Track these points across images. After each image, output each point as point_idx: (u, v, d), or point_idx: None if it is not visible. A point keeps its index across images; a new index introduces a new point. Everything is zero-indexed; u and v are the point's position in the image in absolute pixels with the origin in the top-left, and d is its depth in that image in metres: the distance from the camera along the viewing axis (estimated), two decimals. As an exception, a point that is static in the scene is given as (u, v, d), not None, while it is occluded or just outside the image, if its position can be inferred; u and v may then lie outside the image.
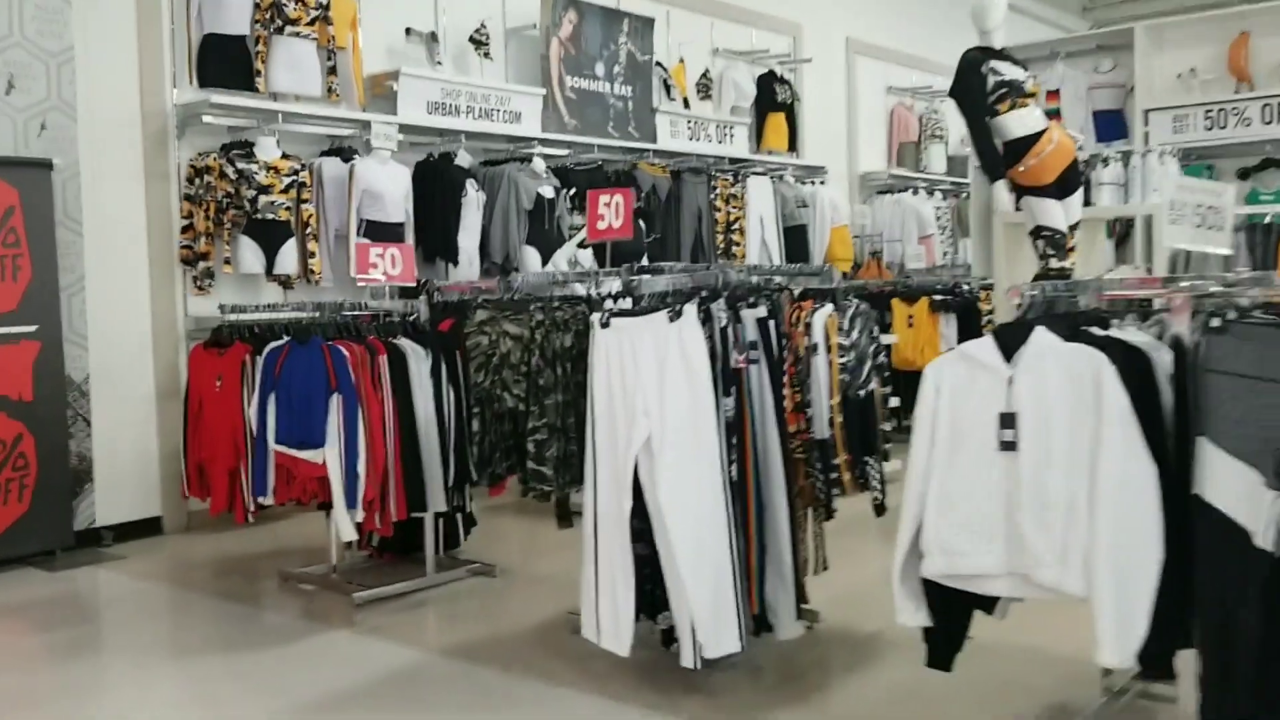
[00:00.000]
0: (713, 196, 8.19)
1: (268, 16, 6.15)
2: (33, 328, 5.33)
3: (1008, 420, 2.58)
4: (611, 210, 3.97)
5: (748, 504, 3.39)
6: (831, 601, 3.98)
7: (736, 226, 8.27)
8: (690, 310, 3.26)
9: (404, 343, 4.57)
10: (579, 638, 3.53)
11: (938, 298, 7.28)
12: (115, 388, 5.78)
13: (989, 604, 2.90)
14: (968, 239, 10.29)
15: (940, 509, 2.65)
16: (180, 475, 5.45)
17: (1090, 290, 2.84)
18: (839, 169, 10.08)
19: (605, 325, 3.40)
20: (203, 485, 4.96)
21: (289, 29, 6.19)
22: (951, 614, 2.82)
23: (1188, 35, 8.21)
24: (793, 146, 9.41)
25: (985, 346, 2.66)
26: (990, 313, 7.68)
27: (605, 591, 3.39)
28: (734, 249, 8.23)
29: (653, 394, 3.27)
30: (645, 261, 6.80)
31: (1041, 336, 2.60)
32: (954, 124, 11.11)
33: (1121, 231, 7.71)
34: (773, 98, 9.22)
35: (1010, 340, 2.64)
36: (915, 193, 10.00)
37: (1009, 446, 2.57)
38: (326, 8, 6.33)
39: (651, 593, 3.46)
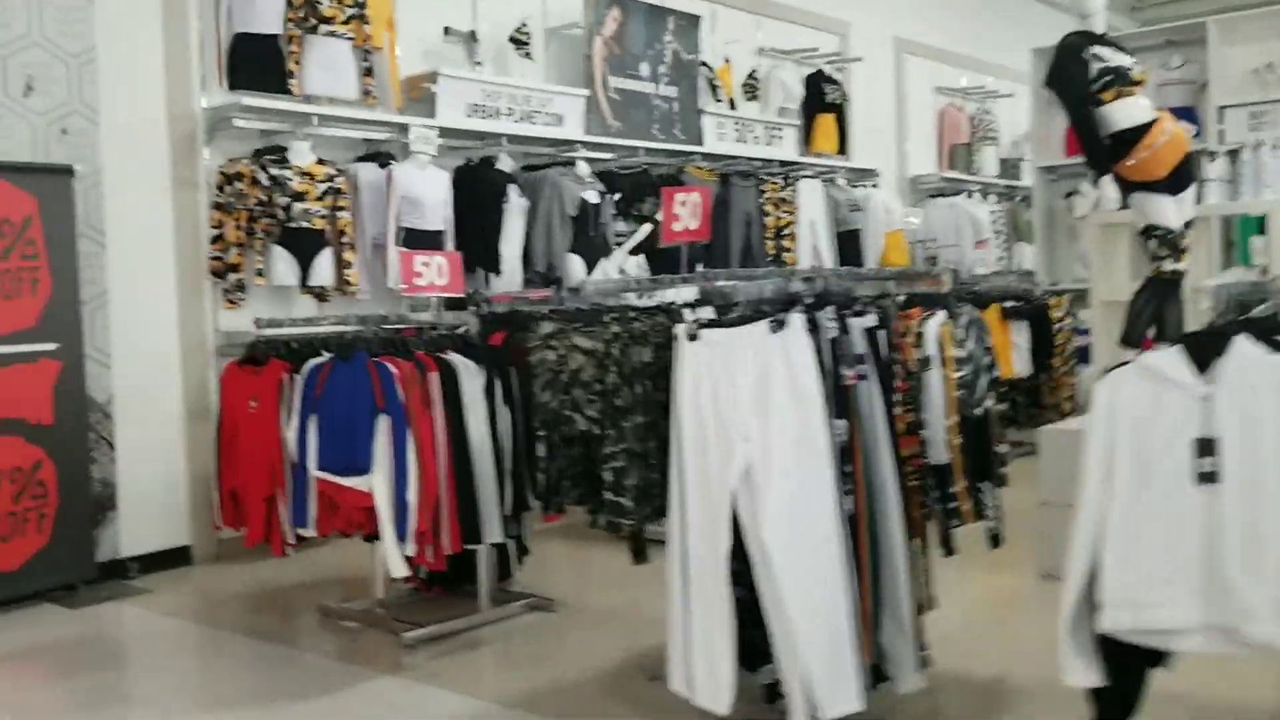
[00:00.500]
0: (762, 201, 7.79)
1: (301, 15, 5.80)
2: (52, 345, 4.97)
3: (1206, 447, 2.16)
4: (688, 210, 3.57)
5: (860, 540, 2.98)
6: (940, 642, 3.55)
7: (788, 232, 7.87)
8: (797, 319, 2.86)
9: (454, 358, 4.18)
10: (656, 685, 3.14)
11: (1009, 305, 6.84)
12: (141, 409, 5.41)
13: (1160, 657, 2.47)
14: (1023, 243, 9.89)
15: (1122, 552, 2.23)
16: (211, 503, 5.08)
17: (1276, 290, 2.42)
18: (888, 172, 9.68)
19: (693, 338, 3.00)
20: (237, 514, 4.58)
21: (323, 28, 5.84)
22: (1126, 672, 2.39)
23: (1263, 29, 7.76)
24: (843, 149, 9.01)
25: (1171, 358, 2.25)
26: (1061, 319, 7.25)
27: (699, 641, 2.98)
28: (785, 255, 7.82)
29: (753, 416, 2.87)
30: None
31: (1244, 347, 2.18)
32: (1006, 125, 10.71)
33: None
34: (821, 98, 8.83)
35: (1202, 351, 2.22)
36: (969, 196, 9.57)
37: (1209, 478, 2.16)
38: (362, 5, 5.97)
39: (750, 641, 3.04)
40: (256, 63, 5.72)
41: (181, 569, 5.48)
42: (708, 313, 3.24)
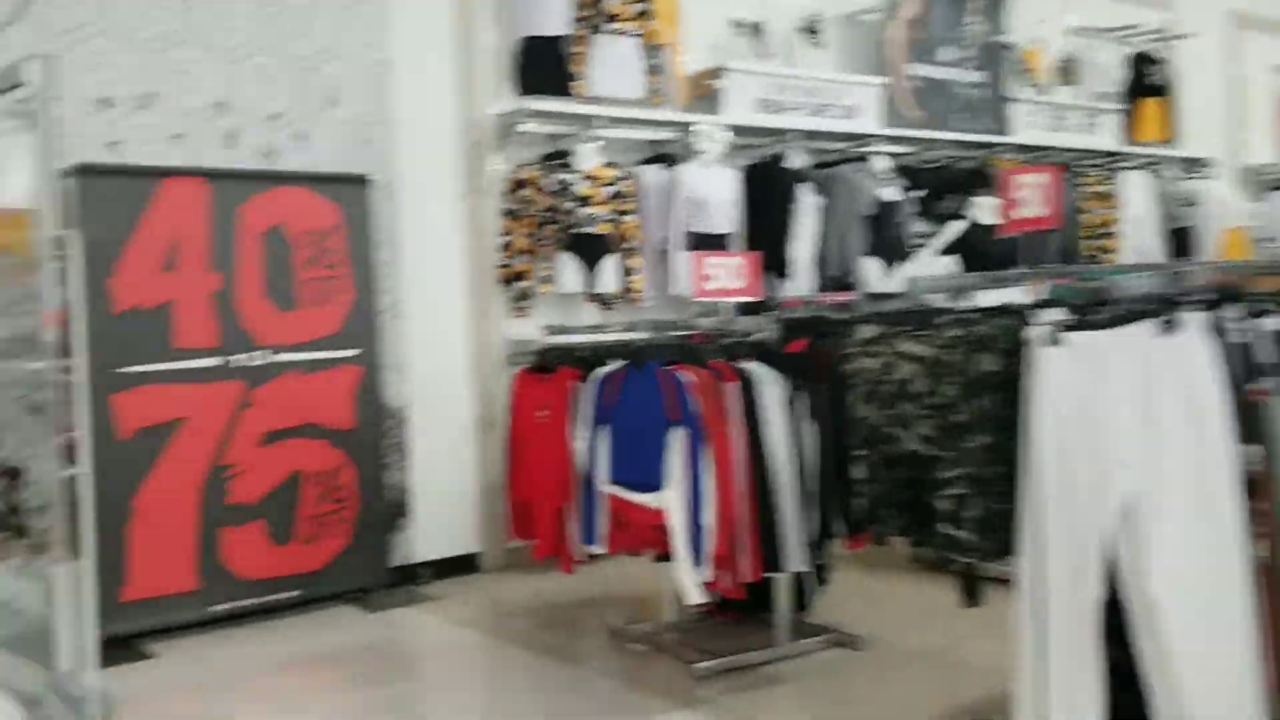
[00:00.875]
0: (1078, 196, 7.03)
1: (588, 13, 5.66)
2: (353, 352, 5.02)
3: None
4: (1033, 194, 3.07)
5: (1271, 594, 2.39)
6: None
7: (1110, 229, 7.06)
8: (1197, 320, 2.32)
9: (753, 367, 3.84)
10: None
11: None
12: (433, 416, 5.41)
13: None
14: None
15: None
16: (500, 512, 4.99)
17: None
18: (1224, 161, 8.58)
19: (1055, 342, 2.51)
20: (527, 526, 4.43)
21: (610, 26, 5.67)
22: None
23: None
24: (1170, 137, 8.05)
25: None
26: None
27: (1058, 704, 2.49)
28: (1105, 256, 7.03)
29: (1136, 438, 2.35)
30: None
31: None
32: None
33: None
34: (1144, 81, 7.92)
35: None
36: (1320, 188, 8.36)
37: None
38: (648, 0, 5.77)
39: (1123, 707, 2.52)
40: (543, 66, 5.62)
41: (469, 577, 5.44)
42: (1058, 314, 2.73)
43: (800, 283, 5.89)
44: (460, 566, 5.46)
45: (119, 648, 4.23)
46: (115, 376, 4.42)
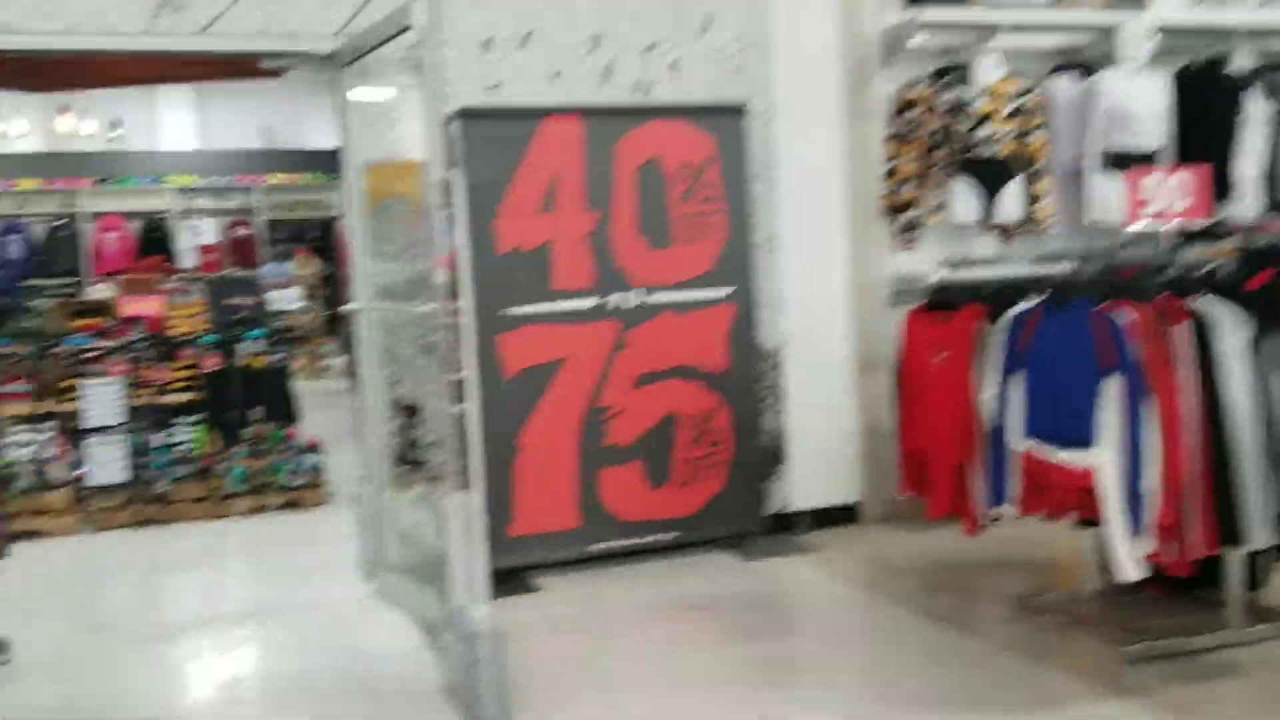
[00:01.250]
0: None
1: (992, -93, 5.04)
2: (727, 290, 4.79)
3: None
4: None
5: None
6: None
7: None
8: None
9: (1207, 306, 3.21)
10: None
11: None
12: (810, 357, 5.09)
13: None
14: None
15: None
16: (882, 460, 4.62)
17: None
18: None
19: None
20: (920, 480, 4.01)
21: (1014, -82, 5.02)
22: None
23: None
24: None
25: None
26: None
27: None
28: None
29: None
30: None
31: None
32: None
33: None
34: None
35: None
36: None
37: None
38: (1058, -113, 5.06)
39: None
40: (937, -29, 5.06)
41: (848, 528, 5.12)
42: None
43: (1246, 205, 4.99)
44: (839, 517, 5.16)
45: (507, 581, 4.29)
46: (500, 318, 4.45)
